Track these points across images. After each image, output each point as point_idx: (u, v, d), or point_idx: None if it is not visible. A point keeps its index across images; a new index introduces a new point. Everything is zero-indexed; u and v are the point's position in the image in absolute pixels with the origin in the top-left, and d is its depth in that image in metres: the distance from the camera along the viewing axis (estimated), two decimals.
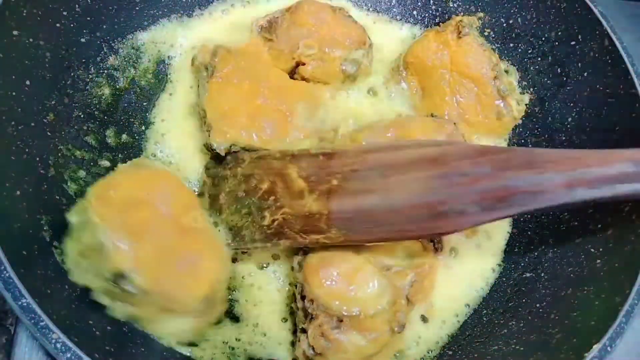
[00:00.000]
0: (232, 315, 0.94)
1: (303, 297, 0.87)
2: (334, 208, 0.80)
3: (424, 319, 0.96)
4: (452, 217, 0.76)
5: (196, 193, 0.99)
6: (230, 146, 0.99)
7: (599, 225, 0.94)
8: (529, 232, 1.06)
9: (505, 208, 0.74)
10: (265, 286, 0.96)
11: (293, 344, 0.90)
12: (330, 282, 0.85)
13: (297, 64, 1.10)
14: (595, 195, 0.73)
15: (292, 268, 0.93)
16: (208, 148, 1.01)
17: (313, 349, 0.82)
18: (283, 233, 0.83)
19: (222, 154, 0.99)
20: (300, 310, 0.87)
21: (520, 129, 1.15)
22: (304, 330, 0.85)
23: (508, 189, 0.73)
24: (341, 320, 0.82)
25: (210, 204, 0.95)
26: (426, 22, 1.25)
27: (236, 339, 0.91)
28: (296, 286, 0.90)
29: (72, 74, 0.98)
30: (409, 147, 0.83)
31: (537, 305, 0.93)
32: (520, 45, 1.16)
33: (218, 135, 0.99)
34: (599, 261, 0.90)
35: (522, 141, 1.14)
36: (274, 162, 0.84)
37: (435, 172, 0.76)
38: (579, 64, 1.07)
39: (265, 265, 0.97)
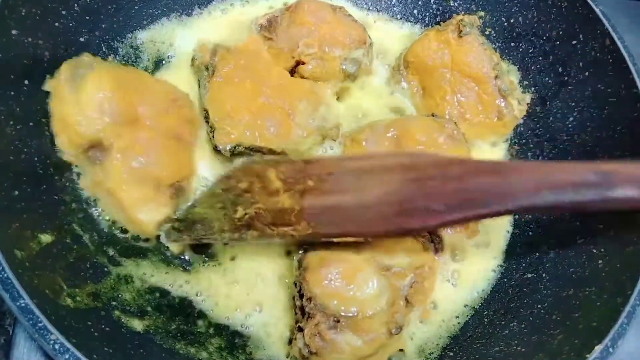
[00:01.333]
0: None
1: (301, 296, 0.86)
2: (306, 204, 0.85)
3: (423, 320, 0.95)
4: (418, 214, 0.81)
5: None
6: (235, 146, 0.98)
7: (601, 226, 0.93)
8: (530, 233, 1.05)
9: (472, 208, 0.79)
10: (266, 284, 0.96)
11: (290, 341, 0.90)
12: (329, 281, 0.85)
13: (297, 63, 1.09)
14: (560, 199, 0.76)
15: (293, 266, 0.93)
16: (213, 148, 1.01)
17: (309, 348, 0.82)
18: (252, 225, 0.88)
19: (227, 155, 0.98)
20: (297, 308, 0.87)
21: (522, 129, 1.14)
22: (300, 329, 0.85)
23: (475, 191, 0.78)
24: (338, 321, 0.82)
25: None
26: (427, 21, 1.25)
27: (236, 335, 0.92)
28: (295, 284, 0.90)
29: None
30: (385, 156, 0.91)
31: (539, 306, 0.92)
32: (521, 44, 1.16)
33: (222, 136, 0.98)
34: (600, 262, 0.89)
35: (524, 141, 1.14)
36: (254, 165, 0.89)
37: (408, 176, 0.82)
38: (580, 64, 1.06)
39: (266, 264, 0.97)
